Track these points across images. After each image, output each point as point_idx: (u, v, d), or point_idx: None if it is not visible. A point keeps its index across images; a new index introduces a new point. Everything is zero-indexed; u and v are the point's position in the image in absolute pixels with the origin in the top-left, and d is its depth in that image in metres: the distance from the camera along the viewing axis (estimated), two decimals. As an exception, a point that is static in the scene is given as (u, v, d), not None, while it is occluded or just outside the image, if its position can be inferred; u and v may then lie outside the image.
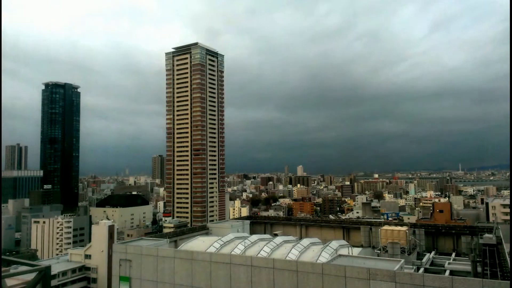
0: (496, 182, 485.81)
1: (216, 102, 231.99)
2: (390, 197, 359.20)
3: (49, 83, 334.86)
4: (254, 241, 52.75)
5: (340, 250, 47.88)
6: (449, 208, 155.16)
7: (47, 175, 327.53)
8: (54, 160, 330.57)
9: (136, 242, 55.61)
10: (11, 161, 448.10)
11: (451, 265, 46.70)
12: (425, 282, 30.58)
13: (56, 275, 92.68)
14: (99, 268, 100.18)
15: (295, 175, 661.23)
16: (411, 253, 51.50)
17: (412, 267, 43.67)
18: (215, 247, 50.10)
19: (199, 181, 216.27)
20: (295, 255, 46.41)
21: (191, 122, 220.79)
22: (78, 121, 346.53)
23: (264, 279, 37.95)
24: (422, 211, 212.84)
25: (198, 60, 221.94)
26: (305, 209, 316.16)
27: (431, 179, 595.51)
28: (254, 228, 77.56)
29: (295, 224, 78.31)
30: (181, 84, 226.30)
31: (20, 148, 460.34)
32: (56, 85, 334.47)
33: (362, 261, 38.96)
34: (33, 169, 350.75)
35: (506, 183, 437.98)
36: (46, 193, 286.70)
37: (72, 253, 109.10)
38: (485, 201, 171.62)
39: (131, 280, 46.81)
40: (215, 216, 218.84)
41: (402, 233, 52.31)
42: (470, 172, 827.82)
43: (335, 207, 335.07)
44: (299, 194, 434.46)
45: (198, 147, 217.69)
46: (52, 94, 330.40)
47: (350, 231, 71.24)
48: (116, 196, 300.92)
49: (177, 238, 64.10)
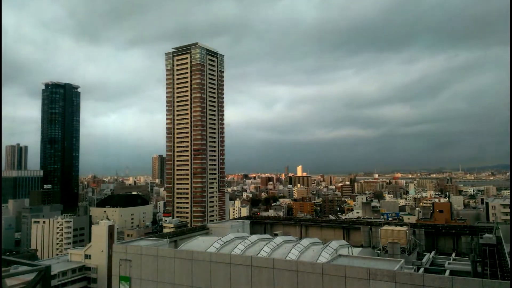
0: (496, 182, 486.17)
1: (216, 102, 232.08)
2: (390, 197, 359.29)
3: (49, 83, 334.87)
4: (254, 241, 52.77)
5: (340, 250, 47.90)
6: (449, 208, 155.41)
7: (47, 175, 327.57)
8: (54, 160, 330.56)
9: (136, 242, 55.58)
10: (11, 161, 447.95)
11: (451, 265, 46.68)
12: (425, 282, 30.58)
13: (56, 275, 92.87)
14: (99, 268, 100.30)
15: (295, 175, 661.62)
16: (411, 253, 51.47)
17: (412, 267, 43.66)
18: (215, 247, 50.11)
19: (199, 181, 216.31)
20: (295, 255, 46.42)
21: (191, 122, 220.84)
22: (78, 121, 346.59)
23: (264, 279, 37.96)
24: (422, 211, 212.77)
25: (198, 60, 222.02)
26: (305, 209, 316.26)
27: (431, 179, 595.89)
28: (254, 228, 77.53)
29: (295, 224, 78.30)
30: (181, 84, 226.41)
31: (20, 148, 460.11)
32: (56, 85, 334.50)
33: (362, 261, 38.97)
34: (33, 169, 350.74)
35: (506, 183, 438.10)
36: (46, 193, 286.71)
37: (72, 253, 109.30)
38: (485, 201, 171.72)
39: (131, 280, 46.82)
40: (215, 216, 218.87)
41: (402, 233, 52.30)
42: (470, 172, 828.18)
43: (335, 207, 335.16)
44: (299, 194, 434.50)
45: (198, 147, 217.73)
46: (52, 94, 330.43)
47: (350, 231, 71.24)
48: (116, 196, 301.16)
49: (177, 238, 64.07)
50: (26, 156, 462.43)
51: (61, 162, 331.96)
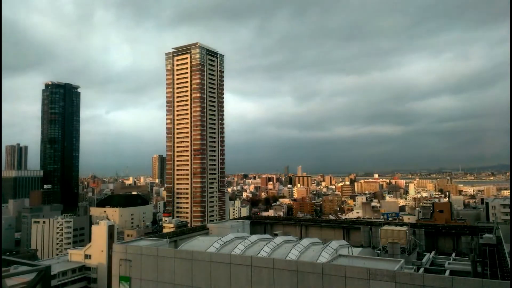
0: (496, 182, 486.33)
1: (216, 102, 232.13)
2: (390, 197, 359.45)
3: (49, 83, 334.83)
4: (254, 241, 52.73)
5: (340, 250, 47.86)
6: (449, 208, 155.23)
7: (47, 175, 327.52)
8: (54, 160, 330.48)
9: (136, 242, 55.57)
10: (11, 161, 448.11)
11: (451, 265, 46.65)
12: (425, 282, 30.57)
13: (56, 275, 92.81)
14: (99, 268, 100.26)
15: (295, 175, 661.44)
16: (411, 253, 51.48)
17: (412, 267, 43.65)
18: (215, 247, 50.07)
19: (199, 181, 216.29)
20: (295, 255, 46.40)
21: (191, 122, 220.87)
22: (78, 121, 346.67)
23: (264, 279, 37.95)
24: (422, 211, 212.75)
25: (198, 60, 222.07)
26: (305, 209, 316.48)
27: (431, 179, 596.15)
28: (254, 228, 77.48)
29: (295, 224, 78.26)
30: (181, 84, 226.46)
31: (20, 148, 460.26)
32: (56, 85, 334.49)
33: (362, 261, 38.95)
34: (33, 169, 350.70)
35: (506, 183, 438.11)
36: (46, 193, 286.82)
37: (72, 253, 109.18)
38: (485, 201, 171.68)
39: (131, 280, 46.81)
40: (215, 216, 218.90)
41: (402, 233, 52.30)
42: (470, 172, 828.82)
43: (335, 207, 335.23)
44: (299, 194, 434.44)
45: (198, 147, 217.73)
46: (52, 94, 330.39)
47: (350, 231, 71.20)
48: (116, 196, 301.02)
49: (177, 238, 64.04)
50: (26, 156, 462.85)
51: (61, 162, 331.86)
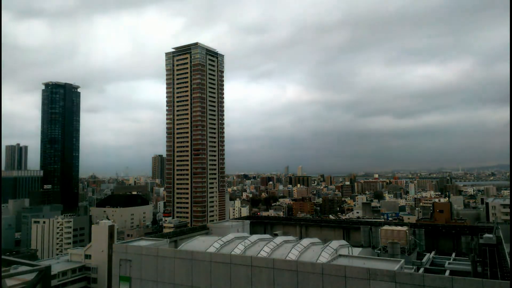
0: (496, 182, 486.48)
1: (216, 102, 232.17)
2: (390, 197, 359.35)
3: (49, 83, 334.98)
4: (254, 241, 52.72)
5: (340, 250, 47.87)
6: (449, 208, 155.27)
7: (47, 175, 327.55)
8: (54, 160, 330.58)
9: (136, 242, 55.54)
10: (11, 161, 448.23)
11: (451, 265, 46.68)
12: (425, 282, 30.57)
13: (56, 275, 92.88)
14: (99, 268, 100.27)
15: (295, 175, 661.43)
16: (411, 253, 51.50)
17: (412, 267, 43.67)
18: (215, 247, 50.07)
19: (199, 181, 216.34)
20: (295, 255, 46.39)
21: (191, 122, 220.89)
22: (78, 121, 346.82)
23: (264, 279, 37.95)
24: (422, 211, 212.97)
25: (198, 60, 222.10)
26: (305, 209, 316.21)
27: (431, 179, 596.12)
28: (254, 228, 77.49)
29: (295, 224, 78.30)
30: (181, 84, 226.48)
31: (20, 148, 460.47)
32: (56, 85, 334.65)
33: (362, 261, 38.96)
34: (33, 169, 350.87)
35: (506, 183, 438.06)
36: (46, 193, 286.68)
37: (72, 253, 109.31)
38: (485, 201, 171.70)
39: (131, 280, 46.82)
40: (215, 216, 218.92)
41: (402, 233, 52.32)
42: (470, 172, 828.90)
43: (335, 207, 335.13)
44: (299, 194, 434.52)
45: (198, 147, 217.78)
46: (52, 94, 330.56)
47: (350, 231, 71.23)
48: (116, 196, 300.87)
49: (177, 238, 64.02)
50: (26, 156, 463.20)
51: (61, 162, 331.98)
